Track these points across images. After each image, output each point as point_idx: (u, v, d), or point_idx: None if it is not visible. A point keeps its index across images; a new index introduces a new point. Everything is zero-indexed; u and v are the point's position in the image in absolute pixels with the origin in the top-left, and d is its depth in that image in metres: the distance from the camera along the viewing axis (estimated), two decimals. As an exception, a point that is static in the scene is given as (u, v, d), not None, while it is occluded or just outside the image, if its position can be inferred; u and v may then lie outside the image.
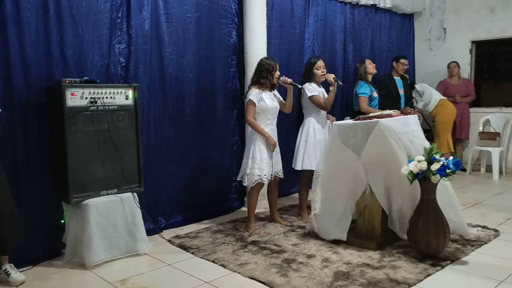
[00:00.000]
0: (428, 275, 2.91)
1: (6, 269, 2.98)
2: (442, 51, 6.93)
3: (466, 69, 6.63)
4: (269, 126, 3.86)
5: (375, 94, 4.98)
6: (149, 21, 3.87)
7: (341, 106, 5.73)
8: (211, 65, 4.43)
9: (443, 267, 3.04)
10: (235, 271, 3.07)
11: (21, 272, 3.03)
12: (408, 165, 3.14)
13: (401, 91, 5.56)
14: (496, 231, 3.77)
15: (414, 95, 6.29)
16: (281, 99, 4.00)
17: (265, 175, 3.79)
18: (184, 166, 4.26)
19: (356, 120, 3.58)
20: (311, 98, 4.08)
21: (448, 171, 3.07)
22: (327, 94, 4.14)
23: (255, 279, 2.92)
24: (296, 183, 4.65)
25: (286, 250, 3.43)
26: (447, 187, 3.45)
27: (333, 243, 3.54)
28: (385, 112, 3.69)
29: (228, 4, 4.52)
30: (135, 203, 3.46)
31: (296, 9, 5.17)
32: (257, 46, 4.52)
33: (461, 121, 6.41)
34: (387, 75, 5.64)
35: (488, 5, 6.39)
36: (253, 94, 3.77)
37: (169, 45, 4.04)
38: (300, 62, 5.21)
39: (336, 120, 4.26)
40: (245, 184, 3.89)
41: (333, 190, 3.59)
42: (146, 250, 3.48)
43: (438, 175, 3.05)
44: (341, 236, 3.51)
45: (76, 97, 3.21)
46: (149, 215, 3.73)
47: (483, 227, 3.85)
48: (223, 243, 3.62)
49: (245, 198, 4.77)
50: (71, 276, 3.09)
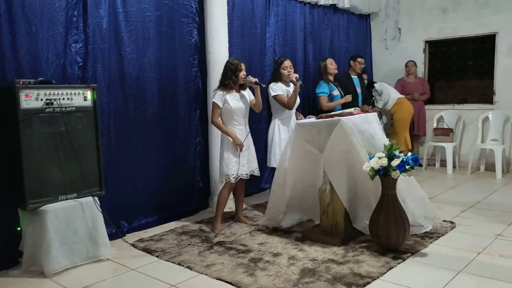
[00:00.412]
0: (390, 268, 3.00)
1: (-43, 282, 2.82)
2: (398, 50, 7.17)
3: (420, 68, 6.90)
4: (237, 126, 3.86)
5: (336, 93, 5.09)
6: (107, 19, 3.76)
7: (303, 105, 5.79)
8: (172, 65, 4.36)
9: (404, 260, 3.14)
10: (201, 273, 3.04)
11: (-26, 284, 2.88)
12: (369, 161, 3.23)
13: (358, 89, 5.71)
14: (452, 223, 3.94)
15: (374, 94, 6.47)
16: (252, 98, 4.00)
17: (232, 174, 3.79)
18: (147, 167, 4.18)
19: (319, 119, 3.64)
20: (275, 97, 4.16)
21: (407, 166, 3.18)
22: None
23: (222, 280, 2.90)
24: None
25: (252, 249, 3.43)
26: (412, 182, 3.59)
27: (299, 240, 3.59)
28: (346, 111, 3.77)
29: (188, 3, 4.46)
30: (96, 207, 3.36)
31: (256, 9, 5.18)
32: (219, 46, 4.50)
33: (418, 118, 6.65)
34: (344, 74, 5.77)
35: (441, 6, 6.67)
36: (217, 96, 3.80)
37: (128, 44, 3.95)
38: (262, 61, 5.24)
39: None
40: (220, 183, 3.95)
41: (291, 184, 3.74)
42: (108, 255, 3.38)
43: (398, 170, 3.15)
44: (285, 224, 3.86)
45: (31, 99, 3.07)
46: (111, 219, 3.62)
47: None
48: (189, 244, 3.58)
49: (209, 198, 4.74)
50: (29, 286, 2.96)
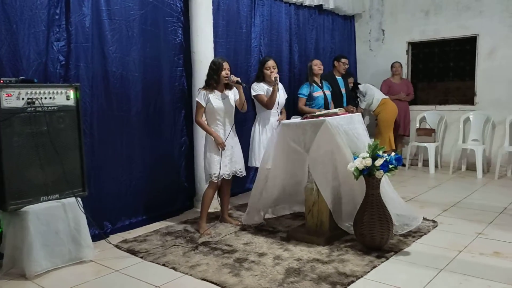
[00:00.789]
0: (374, 267, 3.03)
1: None
2: (382, 51, 7.25)
3: (403, 69, 6.98)
4: (220, 126, 3.85)
5: (317, 94, 5.11)
6: (90, 17, 3.71)
7: (287, 105, 5.78)
8: (157, 64, 4.32)
9: (387, 259, 3.18)
10: (186, 274, 3.02)
11: (-48, 287, 2.81)
12: (354, 161, 3.25)
13: (343, 90, 5.74)
14: (434, 222, 4.00)
15: (358, 95, 6.53)
16: (238, 98, 3.98)
17: (214, 173, 3.79)
18: (131, 168, 4.13)
19: (304, 119, 3.65)
20: (255, 97, 4.20)
21: (390, 166, 3.22)
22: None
23: (207, 281, 2.89)
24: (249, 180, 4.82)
25: (237, 249, 3.43)
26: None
27: (284, 240, 3.59)
28: (331, 111, 3.80)
29: (173, 2, 4.43)
30: (79, 208, 3.31)
31: (242, 9, 5.18)
32: (204, 45, 4.48)
33: (404, 119, 6.74)
34: (329, 74, 5.81)
35: (423, 8, 6.77)
36: (200, 96, 3.81)
37: (112, 43, 3.90)
38: (247, 61, 5.24)
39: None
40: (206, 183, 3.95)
41: (278, 182, 3.79)
42: (91, 257, 3.34)
43: (382, 170, 3.18)
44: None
45: (12, 98, 3.01)
46: (94, 220, 3.57)
47: (423, 218, 4.06)
48: (173, 245, 3.56)
49: (194, 198, 4.72)
50: (9, 288, 2.90)
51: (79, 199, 3.34)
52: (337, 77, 5.77)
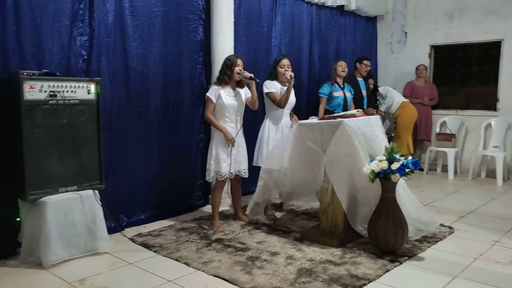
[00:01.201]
0: (387, 271, 3.00)
1: (-45, 270, 2.84)
2: (403, 54, 7.16)
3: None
4: (228, 123, 3.83)
5: (337, 94, 5.08)
6: (113, 13, 3.76)
7: (306, 105, 5.79)
8: (177, 61, 4.36)
9: (401, 263, 3.14)
10: (199, 269, 3.04)
11: (-28, 272, 2.89)
12: (370, 164, 3.23)
13: (363, 92, 5.71)
14: (450, 228, 3.93)
15: (378, 97, 6.46)
16: (249, 96, 3.98)
17: (219, 171, 3.78)
18: (148, 162, 4.18)
19: (321, 120, 3.64)
20: (267, 94, 4.09)
21: (407, 170, 3.18)
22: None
23: (219, 277, 2.91)
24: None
25: (250, 247, 3.44)
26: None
27: (297, 240, 3.59)
28: (349, 112, 3.77)
29: (195, 0, 4.47)
30: (96, 200, 3.37)
31: (263, 8, 5.18)
32: (224, 43, 4.50)
33: (426, 123, 6.64)
34: (350, 76, 5.77)
35: (447, 11, 6.66)
36: (211, 91, 3.81)
37: (133, 39, 3.95)
38: (267, 60, 5.23)
39: (299, 119, 4.29)
40: (206, 179, 3.93)
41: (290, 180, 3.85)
42: (106, 249, 3.39)
43: (398, 174, 3.15)
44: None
45: (35, 90, 3.08)
46: (110, 213, 3.62)
47: (439, 224, 4.00)
48: (187, 241, 3.59)
49: (209, 195, 4.74)
50: (27, 276, 2.97)
51: (96, 191, 3.40)
52: (358, 79, 5.73)
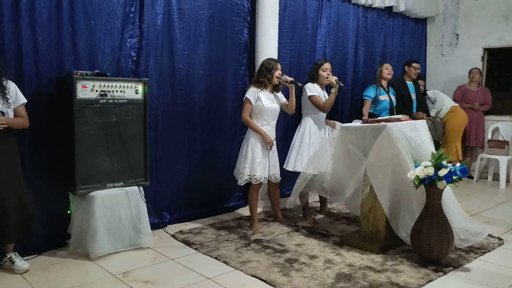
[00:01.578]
0: (430, 281, 2.90)
1: (11, 257, 3.02)
2: (454, 57, 6.88)
3: (478, 76, 6.58)
4: (265, 127, 3.81)
5: (383, 98, 4.97)
6: (162, 16, 3.89)
7: (350, 108, 5.71)
8: (222, 63, 4.43)
9: (445, 273, 3.03)
10: (237, 269, 3.08)
11: (25, 260, 3.06)
12: (415, 170, 3.13)
13: (413, 96, 5.54)
14: (500, 239, 3.75)
15: (427, 101, 6.24)
16: (285, 100, 3.98)
17: (255, 175, 3.74)
18: (191, 162, 4.27)
19: (364, 123, 3.57)
20: (310, 97, 4.04)
21: (454, 177, 3.06)
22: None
23: (257, 277, 2.93)
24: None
25: (289, 249, 3.43)
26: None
27: (337, 244, 3.54)
28: (393, 117, 3.68)
29: (241, 2, 4.52)
30: (141, 197, 3.49)
31: (309, 10, 5.15)
32: (268, 45, 4.53)
33: (477, 129, 6.36)
34: (399, 79, 5.63)
35: (502, 13, 6.34)
36: (250, 92, 3.77)
37: (180, 41, 4.06)
38: (311, 63, 5.15)
39: (341, 122, 4.22)
40: (238, 182, 3.88)
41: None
42: (149, 244, 3.50)
43: (445, 181, 3.04)
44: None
45: (87, 90, 3.24)
46: (154, 209, 3.74)
47: (488, 235, 3.82)
48: (226, 240, 3.63)
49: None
50: (74, 267, 3.12)
51: (141, 188, 3.51)
52: (407, 82, 5.57)
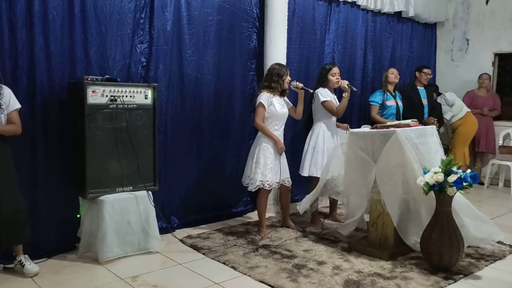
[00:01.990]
0: (440, 288, 2.88)
1: (20, 260, 3.05)
2: (465, 62, 6.83)
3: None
4: (276, 132, 3.82)
5: (390, 103, 4.94)
6: (171, 22, 3.92)
7: (359, 113, 5.69)
8: (230, 68, 4.45)
9: (455, 281, 3.00)
10: (245, 274, 3.08)
11: (35, 263, 3.09)
12: (424, 176, 3.11)
13: (424, 101, 5.51)
14: (511, 247, 3.70)
15: (442, 102, 6.17)
16: (291, 105, 3.99)
17: (267, 181, 3.73)
18: (199, 167, 4.29)
19: (373, 129, 3.56)
20: (323, 103, 4.04)
21: (465, 184, 3.03)
22: (339, 101, 4.12)
23: (265, 283, 2.92)
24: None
25: (297, 255, 3.42)
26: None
27: (345, 250, 3.53)
28: (403, 122, 3.66)
29: (250, 8, 4.55)
30: (150, 201, 3.51)
31: (318, 15, 5.16)
32: (277, 51, 4.54)
33: (486, 134, 6.30)
34: (410, 85, 5.60)
35: (513, 17, 6.30)
36: (264, 97, 3.76)
37: (189, 47, 4.09)
38: (319, 68, 5.17)
39: (350, 128, 4.22)
40: (248, 188, 3.87)
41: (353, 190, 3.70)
42: (158, 248, 3.51)
43: (455, 187, 3.01)
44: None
45: (97, 95, 3.27)
46: (162, 214, 3.76)
47: (498, 242, 3.77)
48: (235, 245, 3.64)
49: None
50: (84, 270, 3.14)
51: (150, 192, 3.54)
52: (418, 87, 5.54)
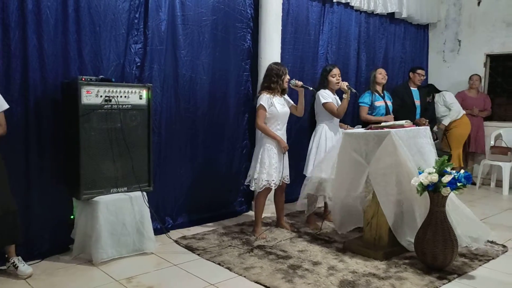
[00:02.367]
0: (434, 288, 2.90)
1: (14, 262, 3.02)
2: (456, 63, 6.90)
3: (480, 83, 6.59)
4: (279, 131, 3.85)
5: (379, 103, 4.95)
6: (166, 22, 3.91)
7: (352, 114, 5.71)
8: (225, 68, 4.45)
9: (449, 281, 3.02)
10: (240, 275, 3.07)
11: (29, 265, 3.06)
12: (418, 176, 3.13)
13: (417, 102, 5.54)
14: (504, 246, 3.74)
15: (440, 102, 6.20)
16: (292, 103, 4.00)
17: (273, 180, 3.77)
18: (193, 167, 4.28)
19: (368, 129, 3.58)
20: (324, 105, 4.07)
21: (459, 184, 3.06)
22: (341, 101, 4.14)
23: (260, 284, 2.92)
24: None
25: (292, 256, 3.43)
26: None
27: (340, 251, 3.54)
28: (397, 122, 3.68)
29: (244, 8, 4.55)
30: (144, 202, 3.49)
31: (311, 16, 5.18)
32: (271, 51, 4.54)
33: (476, 135, 6.36)
34: (403, 85, 5.63)
35: (505, 19, 6.35)
36: (264, 99, 3.78)
37: (184, 47, 4.08)
38: (314, 68, 5.22)
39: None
40: (252, 188, 3.88)
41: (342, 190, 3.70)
42: (153, 249, 3.50)
43: (449, 187, 3.04)
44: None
45: (91, 95, 3.25)
46: (157, 214, 3.75)
47: (491, 242, 3.81)
48: (230, 246, 3.63)
49: (252, 202, 4.77)
50: (78, 272, 3.12)
51: (144, 193, 3.52)
52: (412, 88, 5.57)
